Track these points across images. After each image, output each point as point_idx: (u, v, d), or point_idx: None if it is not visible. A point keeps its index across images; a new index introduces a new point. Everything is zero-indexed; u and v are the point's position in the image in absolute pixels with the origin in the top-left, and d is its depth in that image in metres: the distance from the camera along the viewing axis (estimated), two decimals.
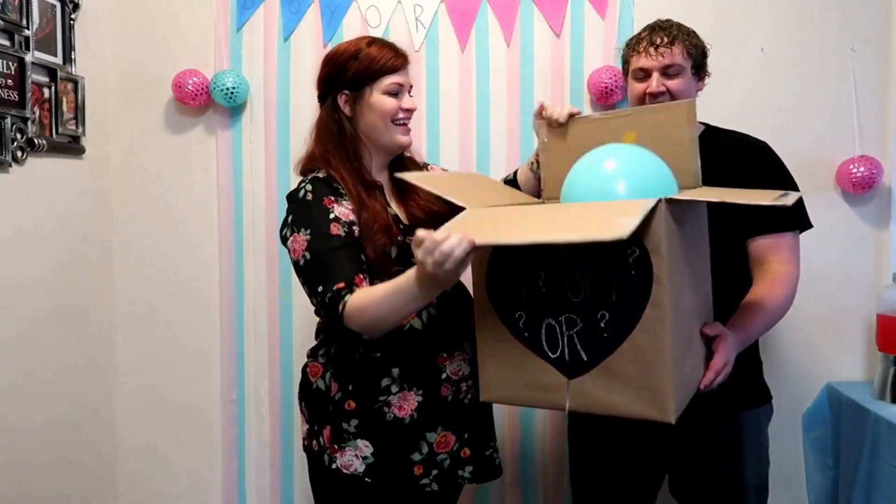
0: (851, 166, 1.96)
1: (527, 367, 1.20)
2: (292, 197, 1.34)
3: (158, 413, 2.22)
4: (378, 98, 1.36)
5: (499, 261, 1.20)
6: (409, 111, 1.39)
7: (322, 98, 1.42)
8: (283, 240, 1.34)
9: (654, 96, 1.50)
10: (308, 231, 1.27)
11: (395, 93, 1.37)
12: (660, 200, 1.05)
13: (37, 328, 1.86)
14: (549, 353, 1.18)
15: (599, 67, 2.01)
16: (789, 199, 1.16)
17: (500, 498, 2.13)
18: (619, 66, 1.98)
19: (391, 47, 1.39)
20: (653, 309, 1.08)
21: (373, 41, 1.39)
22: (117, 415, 2.21)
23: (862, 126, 2.00)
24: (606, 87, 1.97)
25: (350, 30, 2.09)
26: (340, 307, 1.20)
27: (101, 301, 2.14)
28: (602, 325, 1.13)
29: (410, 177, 1.30)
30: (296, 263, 1.29)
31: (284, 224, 1.34)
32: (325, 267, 1.24)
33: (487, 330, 1.23)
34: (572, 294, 1.14)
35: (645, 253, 1.07)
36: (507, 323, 1.21)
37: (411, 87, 1.42)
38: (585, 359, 1.15)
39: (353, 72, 1.35)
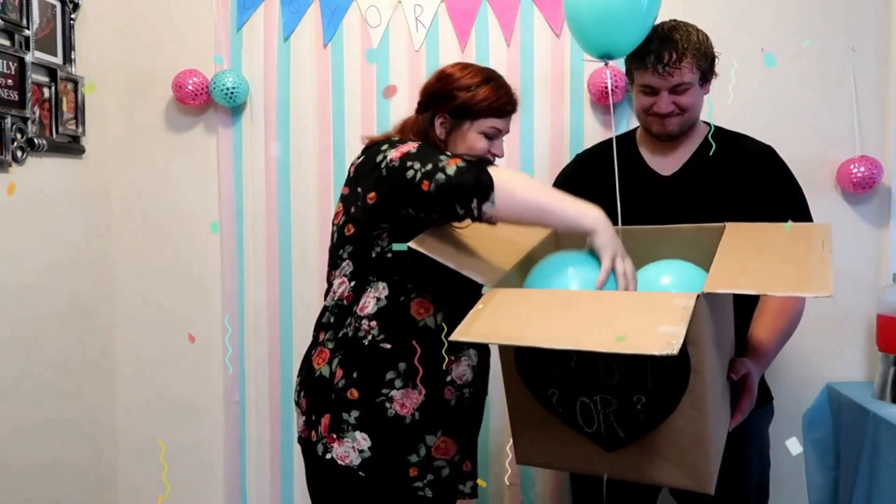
0: (851, 166, 1.96)
1: (562, 439, 1.20)
2: (379, 141, 1.32)
3: (159, 413, 2.22)
4: (473, 136, 1.35)
5: None
6: (495, 157, 1.39)
7: (422, 108, 1.41)
8: (379, 159, 1.26)
9: (664, 116, 1.48)
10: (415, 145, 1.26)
11: (490, 136, 1.36)
12: (699, 297, 1.01)
13: (36, 329, 1.86)
14: (585, 428, 1.17)
15: (599, 67, 2.01)
16: (823, 278, 1.07)
17: (500, 498, 2.13)
18: (620, 68, 1.99)
19: (507, 91, 1.38)
20: (690, 396, 1.08)
21: (492, 78, 1.38)
22: (118, 415, 2.22)
23: (862, 126, 2.00)
24: (606, 87, 1.97)
25: (350, 30, 2.09)
26: (485, 171, 1.16)
27: (101, 301, 2.14)
28: (638, 407, 1.12)
29: (422, 247, 1.23)
30: (402, 157, 1.22)
31: (377, 151, 1.28)
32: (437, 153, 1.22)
33: (520, 402, 1.22)
34: (606, 377, 1.13)
35: (682, 344, 1.04)
36: (540, 398, 1.20)
37: (507, 132, 1.41)
38: (622, 436, 1.14)
39: (460, 102, 1.34)
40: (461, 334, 1.05)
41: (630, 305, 1.03)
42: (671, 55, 1.40)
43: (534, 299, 1.12)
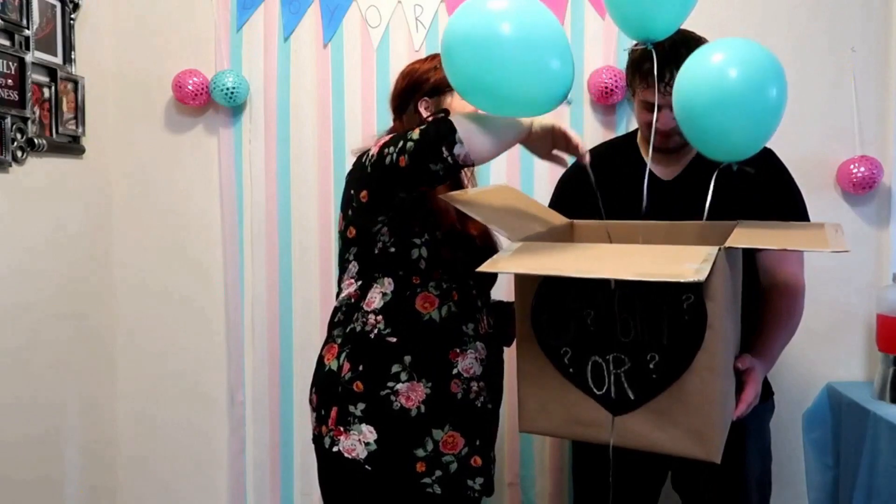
0: (851, 166, 1.96)
1: (570, 402, 1.19)
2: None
3: (160, 413, 2.22)
4: (458, 102, 1.39)
5: (546, 295, 1.18)
6: None
7: (400, 110, 1.47)
8: (364, 160, 1.31)
9: (665, 133, 1.47)
10: None
11: None
12: (720, 248, 1.04)
13: (36, 329, 1.86)
14: (595, 390, 1.17)
15: (599, 67, 2.01)
16: (840, 241, 1.11)
17: (500, 498, 2.13)
18: (620, 68, 1.99)
19: None
20: (704, 354, 1.08)
21: None
22: (118, 416, 2.21)
23: (862, 126, 2.00)
24: (606, 87, 1.97)
25: (350, 30, 2.09)
26: (444, 119, 1.21)
27: (100, 301, 2.14)
28: (651, 366, 1.12)
29: (456, 199, 1.29)
30: (379, 149, 1.26)
31: (364, 155, 1.33)
32: None
33: (530, 362, 1.22)
34: (622, 334, 1.14)
35: (700, 299, 1.06)
36: (552, 357, 1.20)
37: None
38: (632, 398, 1.14)
39: (434, 80, 1.41)
40: (489, 266, 1.07)
41: (656, 253, 1.08)
42: (672, 73, 1.38)
43: (561, 248, 1.16)
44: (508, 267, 1.08)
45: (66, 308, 1.98)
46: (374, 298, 1.33)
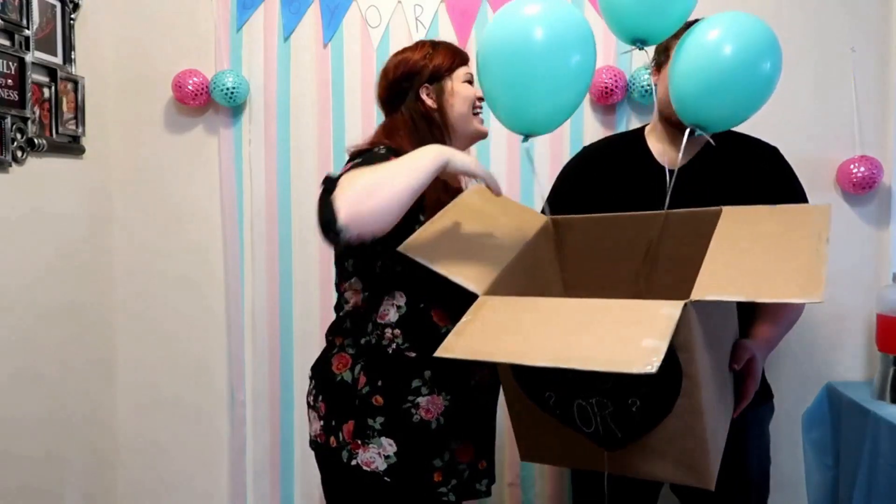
0: (851, 166, 1.96)
1: (562, 439, 1.21)
2: (359, 153, 1.30)
3: (160, 414, 2.22)
4: (459, 86, 1.39)
5: None
6: (482, 99, 1.41)
7: (394, 100, 1.41)
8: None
9: None
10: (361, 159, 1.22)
11: (469, 81, 1.42)
12: (686, 304, 0.98)
13: (37, 329, 1.86)
14: (584, 429, 1.18)
15: (599, 67, 2.01)
16: (817, 278, 1.06)
17: (501, 498, 2.13)
18: (620, 68, 1.99)
19: (452, 45, 1.46)
20: (684, 399, 1.08)
21: (435, 42, 1.45)
22: (118, 417, 2.21)
23: (862, 126, 2.00)
24: (606, 87, 1.97)
25: (350, 30, 2.09)
26: (325, 201, 1.06)
27: (101, 302, 2.14)
28: (633, 409, 1.12)
29: (412, 248, 1.20)
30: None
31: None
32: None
33: (518, 406, 1.23)
34: (600, 382, 1.14)
35: (671, 351, 1.04)
36: (537, 402, 1.20)
37: None
38: (620, 436, 1.15)
39: (433, 65, 1.40)
40: (446, 350, 1.02)
41: (616, 315, 1.02)
42: None
43: (522, 309, 1.10)
44: (465, 352, 1.02)
45: (66, 308, 1.98)
46: (388, 311, 1.31)
